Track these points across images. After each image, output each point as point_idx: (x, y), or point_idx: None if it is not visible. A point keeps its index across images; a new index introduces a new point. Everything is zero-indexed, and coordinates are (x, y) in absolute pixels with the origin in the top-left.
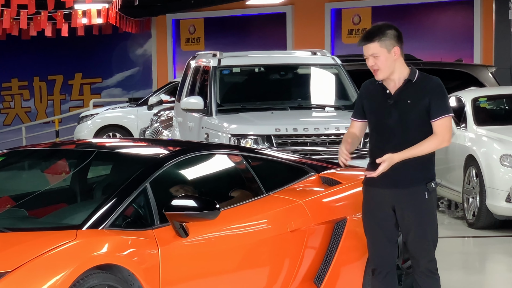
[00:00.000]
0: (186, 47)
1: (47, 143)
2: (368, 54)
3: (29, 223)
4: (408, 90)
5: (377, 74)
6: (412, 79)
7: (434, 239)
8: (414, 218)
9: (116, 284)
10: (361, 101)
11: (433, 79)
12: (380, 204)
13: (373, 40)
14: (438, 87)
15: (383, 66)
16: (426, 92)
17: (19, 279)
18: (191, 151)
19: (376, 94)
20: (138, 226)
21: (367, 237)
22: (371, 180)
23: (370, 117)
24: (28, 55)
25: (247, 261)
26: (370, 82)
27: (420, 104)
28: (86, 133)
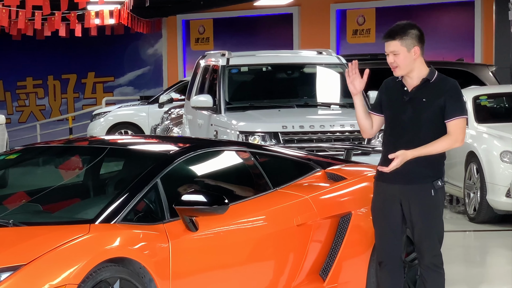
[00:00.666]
0: (195, 46)
1: (61, 140)
2: (389, 51)
3: (44, 217)
4: (425, 89)
5: (395, 71)
6: (430, 79)
7: (440, 235)
8: (420, 214)
9: (128, 277)
10: (380, 96)
11: (451, 80)
12: (389, 198)
13: (395, 38)
14: (454, 88)
15: (402, 64)
16: (443, 93)
17: (34, 272)
18: (200, 147)
19: (394, 91)
20: (149, 221)
21: (376, 230)
22: (381, 175)
23: (386, 111)
24: (42, 55)
25: (255, 254)
26: (391, 79)
27: (435, 103)
28: (99, 130)
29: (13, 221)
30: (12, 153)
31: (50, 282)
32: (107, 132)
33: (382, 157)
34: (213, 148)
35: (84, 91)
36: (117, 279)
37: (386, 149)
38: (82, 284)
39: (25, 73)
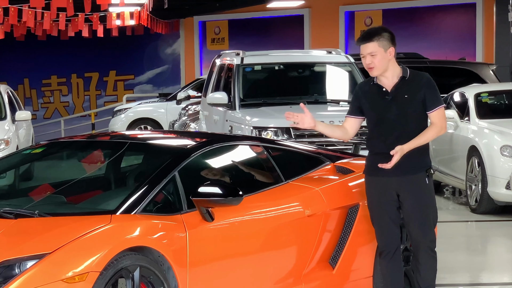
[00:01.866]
0: (211, 46)
1: (84, 135)
2: (366, 53)
3: (67, 208)
4: (404, 86)
5: (372, 71)
6: (405, 76)
7: (434, 219)
8: (417, 202)
9: (147, 265)
10: (358, 101)
11: (424, 74)
12: (385, 191)
13: (372, 40)
14: (430, 81)
15: (379, 64)
16: (420, 87)
17: (58, 260)
18: (216, 142)
19: (373, 93)
20: (167, 211)
21: (374, 222)
22: (372, 170)
23: (370, 114)
24: (66, 54)
25: (268, 244)
26: (364, 83)
27: (416, 98)
28: (120, 125)
29: (38, 212)
30: (37, 147)
31: (74, 269)
32: (127, 127)
33: (370, 155)
34: (228, 143)
35: (106, 89)
36: (137, 266)
37: (376, 147)
38: (104, 272)
39: (49, 71)
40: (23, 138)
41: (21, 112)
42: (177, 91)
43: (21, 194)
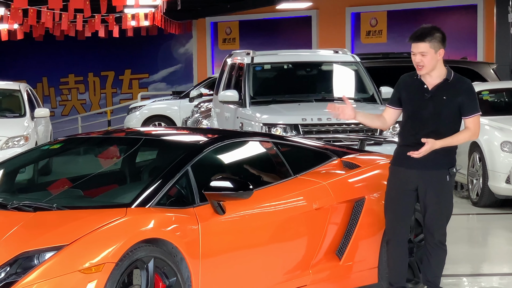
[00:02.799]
0: (223, 46)
1: (100, 131)
2: (417, 52)
3: (84, 202)
4: (445, 88)
5: (421, 70)
6: (449, 79)
7: (448, 215)
8: (435, 197)
9: (161, 256)
10: (399, 92)
11: (467, 81)
12: (406, 182)
13: (424, 40)
14: (471, 88)
15: (428, 64)
16: (461, 92)
17: (76, 251)
18: (227, 138)
19: (414, 87)
20: (180, 205)
21: (388, 211)
22: (399, 160)
23: (407, 107)
24: (83, 54)
25: (277, 236)
26: (409, 76)
27: (454, 101)
28: (135, 122)
29: (56, 205)
30: (55, 143)
31: (91, 260)
32: (142, 124)
33: (400, 145)
34: (239, 139)
35: (121, 87)
36: (152, 258)
37: (406, 140)
38: (120, 263)
39: (67, 70)
40: (42, 134)
41: (40, 109)
42: (190, 89)
43: (40, 188)
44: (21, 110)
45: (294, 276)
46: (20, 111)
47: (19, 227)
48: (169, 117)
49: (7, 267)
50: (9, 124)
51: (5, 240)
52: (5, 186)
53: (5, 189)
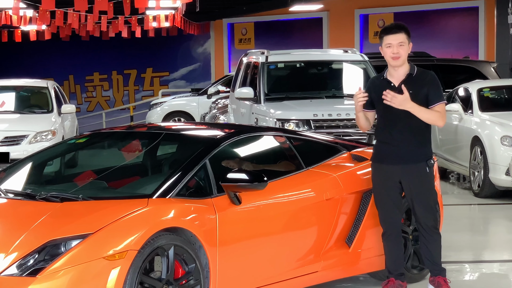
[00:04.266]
0: (239, 46)
1: (124, 126)
2: (395, 42)
3: (108, 192)
4: (409, 82)
5: (397, 61)
6: (412, 73)
7: (435, 201)
8: (419, 188)
9: (181, 244)
10: (370, 94)
11: (430, 73)
12: (389, 177)
13: (402, 31)
14: (434, 79)
15: (404, 54)
16: (425, 84)
17: (100, 239)
18: (243, 133)
19: (382, 87)
20: (199, 195)
21: (378, 206)
22: (378, 157)
23: (378, 106)
24: (107, 53)
25: (290, 225)
26: (376, 78)
27: (421, 94)
28: (156, 118)
29: (82, 196)
30: (81, 137)
31: (114, 248)
32: (163, 119)
33: (379, 142)
34: (254, 133)
35: (143, 84)
36: (172, 245)
37: (382, 137)
38: (142, 250)
39: (92, 68)
40: (68, 129)
41: (66, 105)
42: (208, 87)
43: (67, 180)
44: (49, 106)
45: (306, 263)
46: (48, 107)
47: (47, 217)
48: (188, 112)
49: (36, 254)
50: (37, 119)
51: (34, 228)
52: (34, 178)
53: (34, 181)
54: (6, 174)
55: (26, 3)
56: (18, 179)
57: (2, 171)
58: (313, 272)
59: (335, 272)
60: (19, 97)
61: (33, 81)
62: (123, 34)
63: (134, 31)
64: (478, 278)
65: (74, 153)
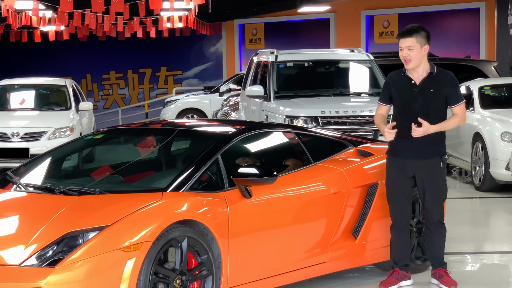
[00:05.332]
0: (249, 46)
1: (139, 123)
2: (404, 46)
3: (124, 186)
4: (430, 81)
5: (408, 64)
6: (433, 72)
7: (444, 197)
8: (431, 182)
9: (194, 236)
10: (388, 89)
11: (449, 73)
12: (403, 171)
13: (412, 35)
14: (454, 80)
15: (415, 57)
16: (445, 84)
17: (116, 231)
18: (253, 129)
19: (402, 84)
20: (211, 189)
21: (390, 198)
22: (395, 151)
23: (398, 102)
24: (123, 53)
25: (298, 217)
26: (396, 73)
27: (441, 93)
28: (170, 115)
29: (99, 189)
30: (98, 133)
31: (130, 240)
32: (176, 116)
33: (395, 137)
34: (264, 130)
35: (158, 83)
36: (185, 237)
37: (399, 132)
38: (156, 242)
39: (109, 67)
40: (86, 126)
41: (84, 103)
42: (220, 85)
43: (84, 174)
44: (67, 103)
45: (314, 254)
46: (66, 105)
47: (65, 210)
48: (201, 110)
49: (55, 245)
50: (56, 116)
51: (53, 221)
52: (53, 172)
53: (53, 175)
54: (26, 168)
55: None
56: (38, 174)
57: (22, 166)
58: (320, 263)
59: (341, 263)
60: (39, 95)
61: (52, 80)
62: (138, 34)
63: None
64: (479, 269)
65: (91, 148)
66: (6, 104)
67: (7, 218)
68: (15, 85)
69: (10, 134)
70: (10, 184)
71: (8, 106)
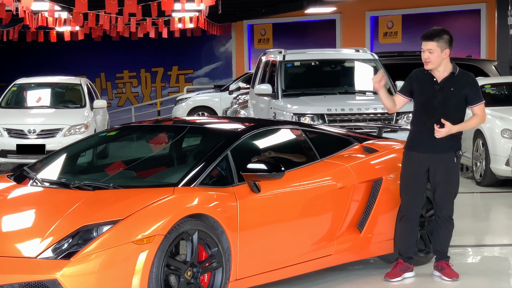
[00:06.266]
0: (258, 45)
1: (151, 120)
2: (425, 49)
3: (137, 182)
4: (452, 81)
5: (427, 65)
6: (455, 72)
7: (456, 192)
8: (445, 177)
9: (204, 229)
10: (411, 83)
11: (471, 74)
12: (419, 164)
13: (433, 39)
14: (474, 80)
15: (434, 60)
16: (466, 84)
17: (130, 225)
18: (262, 126)
19: (425, 80)
20: (221, 184)
21: (404, 190)
22: (412, 145)
23: (419, 97)
24: (136, 52)
25: (305, 211)
26: (420, 70)
27: (461, 92)
28: (181, 112)
29: (113, 184)
30: (112, 130)
31: (142, 233)
32: (187, 114)
33: (414, 131)
34: (272, 127)
35: (170, 81)
36: (196, 230)
37: (418, 126)
38: (168, 235)
39: (122, 67)
40: (100, 123)
41: (98, 101)
42: (229, 83)
43: (98, 170)
44: (82, 101)
45: (321, 247)
46: (81, 103)
47: (80, 204)
48: (211, 107)
49: (70, 238)
50: (71, 114)
51: (68, 215)
52: (68, 168)
53: (68, 171)
54: (42, 164)
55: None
56: (53, 169)
57: (39, 161)
58: (326, 255)
59: (347, 255)
60: (55, 93)
61: (67, 78)
62: (150, 35)
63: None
64: (480, 261)
65: (105, 145)
66: (23, 102)
67: (24, 212)
68: (32, 83)
69: (27, 131)
70: (27, 179)
71: (25, 104)
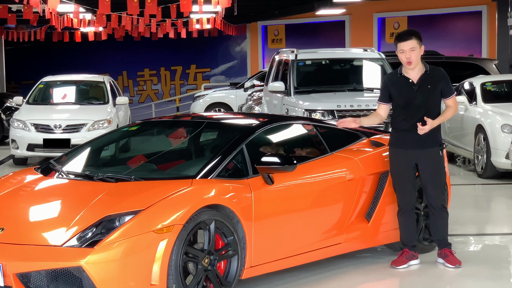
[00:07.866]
0: (271, 45)
1: (170, 116)
2: (407, 48)
3: (157, 174)
4: (426, 79)
5: (410, 64)
6: (427, 70)
7: (445, 183)
8: (432, 170)
9: (221, 219)
10: (388, 89)
11: (440, 69)
12: (407, 160)
13: (412, 37)
14: (446, 75)
15: (416, 58)
16: (439, 79)
17: (150, 215)
18: (275, 121)
19: (401, 83)
20: (236, 176)
21: (396, 186)
22: (397, 143)
23: (398, 100)
24: (156, 52)
25: (316, 202)
26: (392, 75)
27: (437, 88)
28: (199, 108)
29: (134, 176)
30: (133, 125)
31: (162, 223)
32: (205, 110)
33: (398, 130)
34: (285, 122)
35: (188, 79)
36: (213, 220)
37: (402, 125)
38: (186, 224)
39: (143, 65)
40: (122, 118)
41: (120, 97)
42: (244, 81)
43: (121, 163)
44: (105, 98)
45: (331, 236)
46: (104, 99)
47: (103, 195)
48: (227, 104)
49: (94, 228)
50: (95, 110)
51: (92, 205)
52: (92, 161)
53: (92, 164)
54: (67, 158)
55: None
56: (78, 162)
57: (64, 155)
58: (336, 244)
59: (356, 243)
60: (79, 90)
61: (91, 76)
62: (170, 35)
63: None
64: (481, 249)
65: (127, 139)
66: (49, 98)
67: (50, 203)
68: (57, 81)
69: (53, 126)
70: (53, 171)
71: (51, 100)
